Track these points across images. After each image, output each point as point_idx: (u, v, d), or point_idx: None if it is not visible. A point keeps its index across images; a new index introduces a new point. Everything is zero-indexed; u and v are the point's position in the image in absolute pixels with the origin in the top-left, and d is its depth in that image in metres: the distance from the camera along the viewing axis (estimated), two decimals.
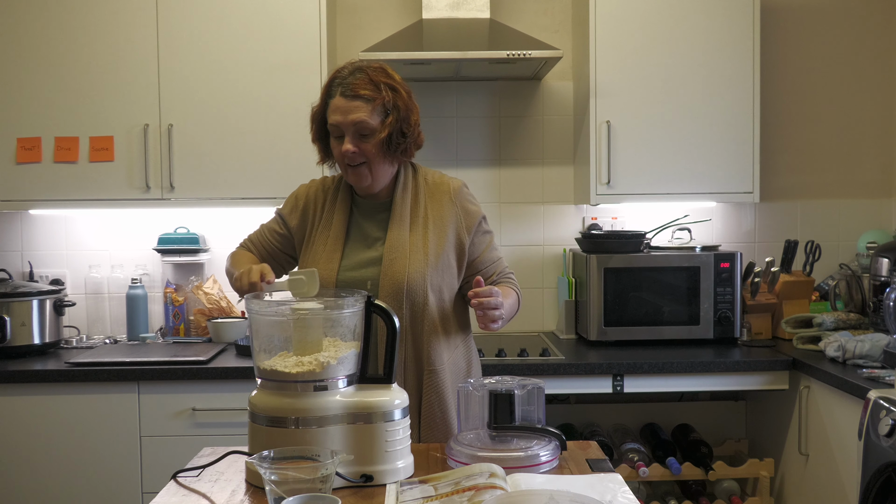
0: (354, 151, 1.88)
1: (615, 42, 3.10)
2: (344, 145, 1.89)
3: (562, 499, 1.20)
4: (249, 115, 3.05)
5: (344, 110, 1.87)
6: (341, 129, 1.89)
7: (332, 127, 1.92)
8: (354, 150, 1.88)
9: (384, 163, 1.93)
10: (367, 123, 1.87)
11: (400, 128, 1.90)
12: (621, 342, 3.11)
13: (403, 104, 1.91)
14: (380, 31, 3.36)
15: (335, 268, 1.93)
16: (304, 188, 2.11)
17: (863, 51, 3.49)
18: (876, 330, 2.94)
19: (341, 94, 1.88)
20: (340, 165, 1.96)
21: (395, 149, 1.91)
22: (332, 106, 1.90)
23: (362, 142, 1.89)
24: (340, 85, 1.89)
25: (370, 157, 1.90)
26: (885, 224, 3.50)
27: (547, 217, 3.50)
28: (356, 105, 1.87)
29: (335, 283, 1.92)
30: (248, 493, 1.47)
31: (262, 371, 1.53)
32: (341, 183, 2.06)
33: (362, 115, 1.86)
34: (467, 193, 2.05)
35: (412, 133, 1.94)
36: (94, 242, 3.39)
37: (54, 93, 3.02)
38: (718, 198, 3.22)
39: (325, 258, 1.95)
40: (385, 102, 1.88)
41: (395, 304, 1.88)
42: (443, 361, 1.94)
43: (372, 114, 1.87)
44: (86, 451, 2.77)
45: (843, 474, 2.57)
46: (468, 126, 3.46)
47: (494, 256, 2.07)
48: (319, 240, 1.99)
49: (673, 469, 2.90)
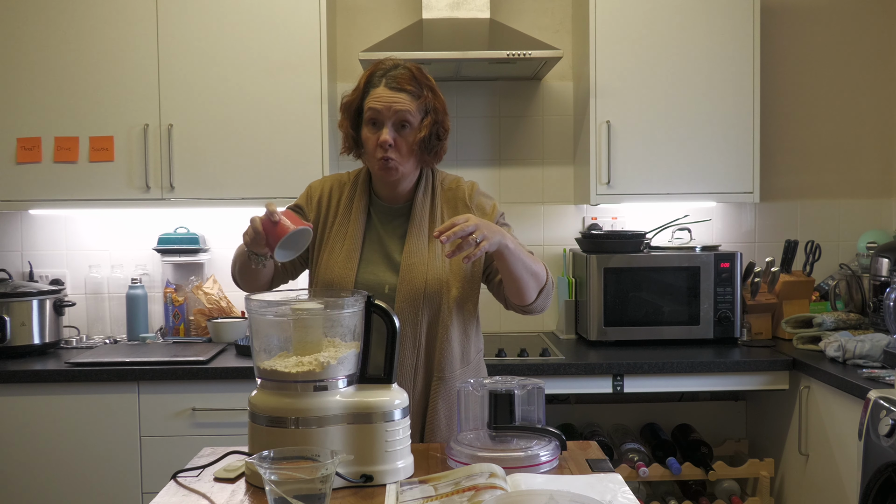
0: (391, 144, 1.85)
1: (615, 42, 3.10)
2: (382, 135, 1.85)
3: (562, 499, 1.20)
4: (249, 115, 3.05)
5: (388, 100, 1.85)
6: (382, 118, 1.86)
7: (372, 113, 1.88)
8: (391, 141, 1.85)
9: (413, 161, 1.90)
10: (409, 116, 1.85)
11: (437, 131, 1.90)
12: (621, 342, 3.11)
13: (441, 108, 1.92)
14: (380, 31, 3.36)
15: (354, 270, 1.90)
16: (317, 183, 2.05)
17: (863, 51, 3.49)
18: (876, 330, 2.94)
19: (386, 84, 1.87)
20: (370, 156, 1.91)
21: (429, 150, 1.91)
22: (374, 94, 1.87)
23: (399, 135, 1.87)
24: (385, 76, 1.88)
25: (402, 151, 1.87)
26: (885, 224, 3.50)
27: (547, 217, 3.50)
28: (401, 97, 1.85)
29: (353, 285, 1.88)
30: (248, 493, 1.47)
31: (261, 371, 1.53)
32: (359, 182, 2.00)
33: (407, 106, 1.85)
34: (481, 193, 2.01)
35: (445, 138, 1.94)
36: (94, 242, 3.39)
37: (54, 93, 3.02)
38: (718, 198, 3.22)
39: (344, 260, 1.91)
40: (427, 102, 1.88)
41: (412, 310, 1.85)
42: (454, 370, 1.89)
43: (415, 109, 1.86)
44: (86, 451, 2.77)
45: (843, 474, 2.57)
46: (468, 126, 3.46)
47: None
48: (336, 239, 1.94)
49: (673, 469, 2.90)
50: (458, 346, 1.92)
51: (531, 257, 1.88)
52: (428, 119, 1.88)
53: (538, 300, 1.91)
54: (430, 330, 1.89)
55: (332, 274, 1.90)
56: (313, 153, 3.05)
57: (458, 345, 1.92)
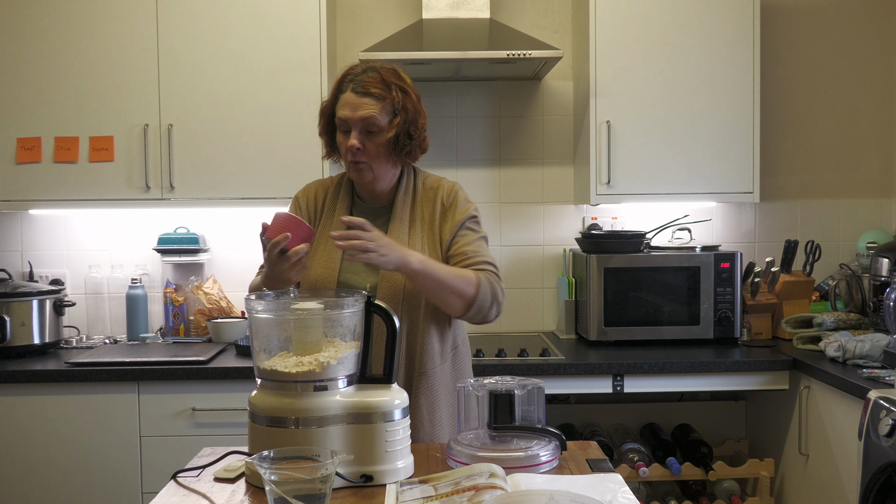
0: (359, 147, 1.89)
1: (615, 42, 3.10)
2: (350, 140, 1.90)
3: (562, 499, 1.20)
4: (249, 115, 3.05)
5: (354, 106, 1.89)
6: (349, 125, 1.90)
7: (339, 121, 1.92)
8: (360, 145, 1.89)
9: (387, 163, 1.93)
10: (375, 120, 1.88)
11: (407, 130, 1.91)
12: (621, 342, 3.11)
13: (412, 107, 1.92)
14: (380, 32, 3.36)
15: (336, 270, 1.93)
16: (302, 192, 2.11)
17: (863, 51, 3.49)
18: (876, 330, 2.94)
19: (352, 90, 1.90)
20: (344, 160, 1.96)
21: (400, 150, 1.92)
22: (342, 101, 1.91)
23: (368, 139, 1.90)
24: (352, 81, 1.91)
25: (374, 154, 1.91)
26: (885, 224, 3.50)
27: (547, 217, 3.50)
28: (366, 102, 1.88)
29: (335, 285, 1.92)
30: (248, 493, 1.47)
31: (261, 371, 1.53)
32: (342, 185, 2.06)
33: (371, 111, 1.88)
34: (460, 193, 2.02)
35: (418, 136, 1.94)
36: (94, 242, 3.39)
37: (54, 93, 3.02)
38: (718, 198, 3.22)
39: (325, 261, 1.94)
40: (395, 103, 1.89)
41: (393, 308, 1.87)
42: (435, 365, 1.94)
43: (381, 112, 1.88)
44: (86, 451, 2.77)
45: (843, 474, 2.57)
46: (468, 126, 3.46)
47: (472, 251, 1.95)
48: (320, 241, 1.98)
49: (673, 469, 2.89)
50: (438, 343, 1.95)
51: (455, 275, 1.87)
52: (398, 119, 1.90)
53: (469, 313, 1.91)
54: (411, 327, 1.92)
55: (315, 275, 1.94)
56: (313, 153, 3.04)
57: (438, 341, 1.95)
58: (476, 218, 2.02)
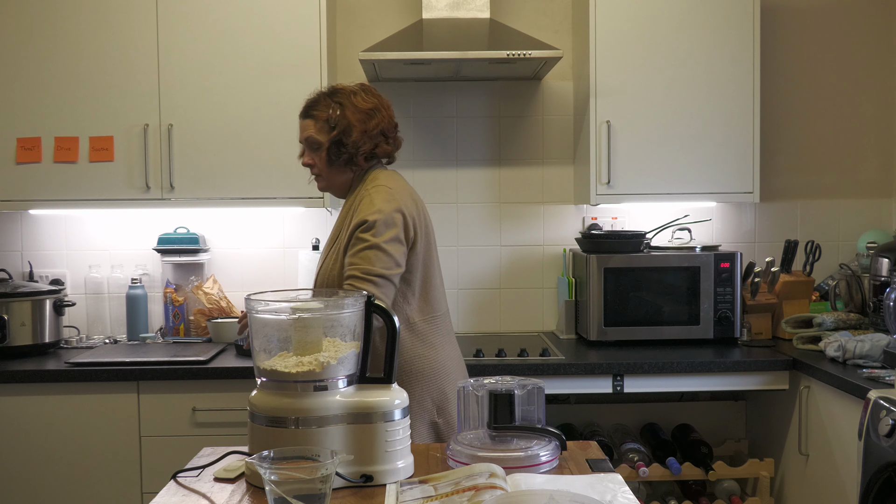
0: (308, 163, 2.19)
1: (615, 42, 3.10)
2: (304, 158, 2.20)
3: (562, 499, 1.20)
4: (249, 115, 3.05)
5: (300, 128, 2.19)
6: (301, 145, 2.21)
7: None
8: (310, 161, 2.19)
9: (332, 172, 2.17)
10: (313, 139, 2.15)
11: (339, 140, 2.11)
12: (621, 342, 3.11)
13: (348, 120, 2.11)
14: (380, 31, 3.36)
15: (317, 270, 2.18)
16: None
17: (863, 51, 3.49)
18: (876, 330, 2.94)
19: (300, 114, 2.19)
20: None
21: (336, 158, 2.13)
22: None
23: (315, 154, 2.16)
24: (303, 106, 2.19)
25: (321, 167, 2.17)
26: (885, 224, 3.49)
27: (547, 217, 3.50)
28: (306, 123, 2.17)
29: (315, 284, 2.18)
30: (248, 493, 1.47)
31: (261, 371, 1.53)
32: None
33: (309, 131, 2.15)
34: (368, 198, 2.09)
35: (351, 145, 2.12)
36: (94, 242, 3.38)
37: (54, 93, 3.02)
38: (718, 198, 3.22)
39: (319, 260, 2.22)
40: (329, 119, 2.12)
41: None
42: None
43: (317, 130, 2.14)
44: (86, 451, 2.77)
45: (843, 474, 2.57)
46: (468, 126, 3.45)
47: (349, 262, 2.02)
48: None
49: (673, 469, 2.89)
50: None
51: None
52: (334, 133, 2.12)
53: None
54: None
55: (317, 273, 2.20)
56: None
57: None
58: (369, 223, 2.03)
